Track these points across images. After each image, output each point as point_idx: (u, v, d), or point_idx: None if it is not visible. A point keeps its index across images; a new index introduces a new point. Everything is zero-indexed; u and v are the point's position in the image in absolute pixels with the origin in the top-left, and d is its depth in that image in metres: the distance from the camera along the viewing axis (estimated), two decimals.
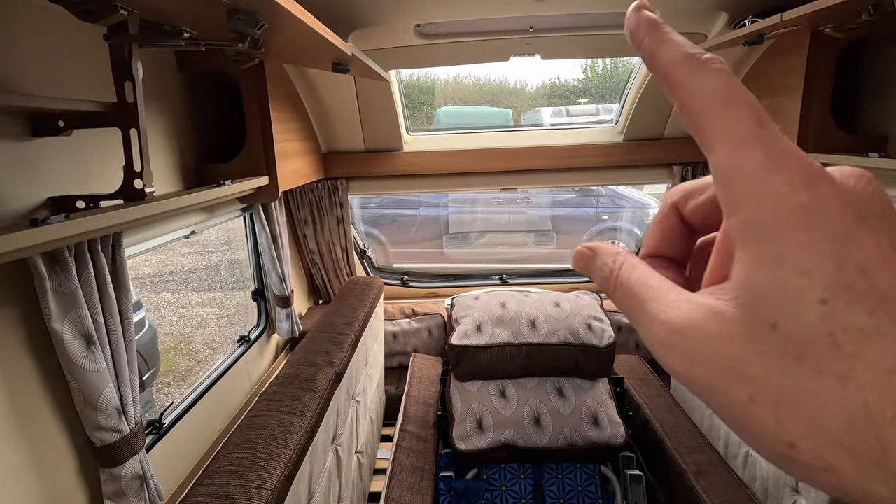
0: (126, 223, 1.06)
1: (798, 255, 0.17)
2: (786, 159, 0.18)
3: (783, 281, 0.17)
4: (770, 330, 0.17)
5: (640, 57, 0.21)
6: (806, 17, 1.23)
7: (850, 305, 0.16)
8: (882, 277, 0.16)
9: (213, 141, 1.72)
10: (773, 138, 0.18)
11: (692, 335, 0.19)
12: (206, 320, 5.09)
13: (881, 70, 1.63)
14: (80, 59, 1.11)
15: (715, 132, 0.19)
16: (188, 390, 1.71)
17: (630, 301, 0.21)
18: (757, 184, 0.18)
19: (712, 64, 0.19)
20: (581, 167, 2.57)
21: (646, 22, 0.21)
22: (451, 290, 2.94)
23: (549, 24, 1.89)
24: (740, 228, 0.18)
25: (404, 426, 1.94)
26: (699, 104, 0.19)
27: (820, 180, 0.17)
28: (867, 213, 0.17)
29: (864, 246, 0.17)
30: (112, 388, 1.11)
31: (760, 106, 0.18)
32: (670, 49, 0.20)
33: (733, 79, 0.19)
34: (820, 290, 0.17)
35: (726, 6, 1.69)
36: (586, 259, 0.24)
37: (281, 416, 1.25)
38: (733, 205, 0.18)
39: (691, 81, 0.19)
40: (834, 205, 0.17)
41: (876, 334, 0.16)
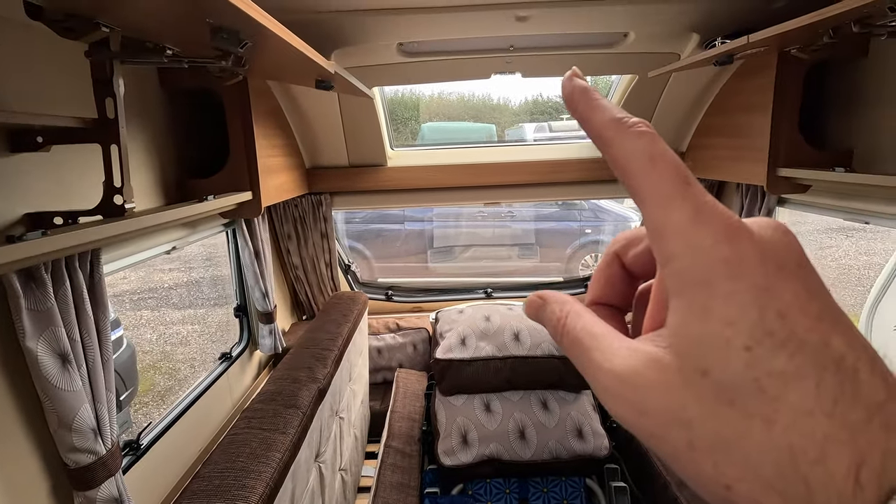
0: (105, 239, 1.05)
1: (724, 306, 0.18)
2: (710, 215, 0.19)
3: (711, 330, 0.18)
4: (702, 377, 0.18)
5: (576, 119, 0.23)
6: (772, 38, 1.29)
7: (772, 351, 0.17)
8: (799, 323, 0.18)
9: (195, 156, 1.72)
10: (698, 195, 0.19)
11: (635, 383, 0.19)
12: (186, 338, 4.99)
13: (845, 88, 1.70)
14: (61, 75, 1.11)
15: (645, 189, 0.20)
16: (167, 409, 1.67)
17: (576, 349, 0.22)
18: (684, 237, 0.19)
19: (638, 127, 0.21)
20: (563, 182, 2.61)
21: (579, 89, 0.23)
22: (435, 304, 2.94)
23: (528, 43, 1.94)
24: (672, 278, 0.20)
25: (389, 442, 1.92)
26: (629, 164, 0.20)
27: (741, 234, 0.19)
28: (784, 262, 0.19)
29: (783, 294, 0.18)
30: (88, 408, 1.08)
31: (684, 165, 0.20)
32: (600, 113, 0.22)
33: (658, 140, 0.20)
34: (744, 337, 0.18)
35: (698, 28, 1.75)
36: (536, 307, 0.26)
37: (263, 434, 1.23)
38: (664, 256, 0.20)
39: (621, 143, 0.21)
40: (754, 256, 0.18)
41: (796, 377, 0.17)
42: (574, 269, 5.08)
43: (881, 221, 1.59)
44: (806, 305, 0.18)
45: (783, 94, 1.67)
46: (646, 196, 0.20)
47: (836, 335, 0.18)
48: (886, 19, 1.04)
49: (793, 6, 1.49)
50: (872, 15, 1.06)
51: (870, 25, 1.09)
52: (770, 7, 1.54)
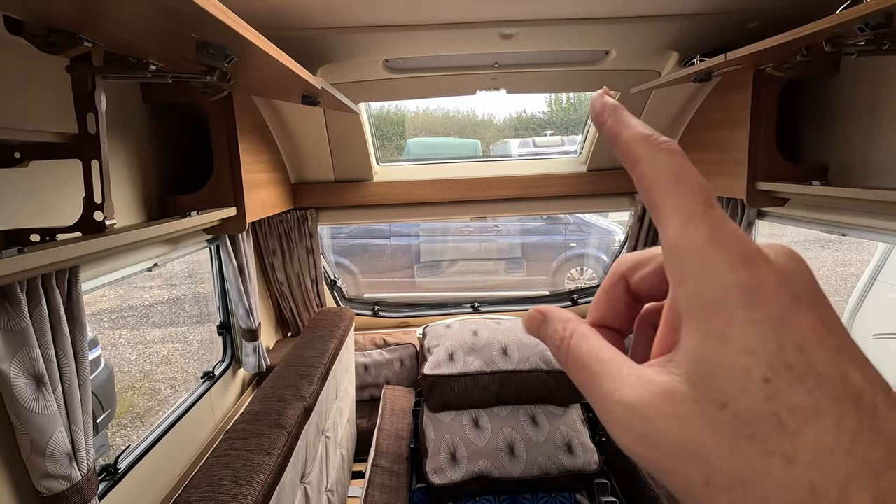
0: (84, 257, 1.03)
1: (742, 334, 0.17)
2: (729, 238, 0.19)
3: (731, 359, 0.17)
4: (720, 409, 0.17)
5: (605, 135, 0.23)
6: (748, 56, 1.33)
7: (791, 384, 0.17)
8: (817, 356, 0.17)
9: (178, 172, 1.69)
10: (719, 218, 0.19)
11: (647, 415, 0.19)
12: (167, 357, 4.87)
13: (818, 105, 1.76)
14: (41, 90, 1.09)
15: (667, 207, 0.20)
16: (146, 431, 1.62)
17: (582, 374, 0.22)
18: (702, 259, 0.19)
19: (668, 145, 0.21)
20: (548, 196, 2.64)
21: (609, 106, 0.23)
22: (422, 319, 2.92)
23: (513, 60, 1.97)
24: (686, 300, 0.19)
25: (376, 461, 1.88)
26: (655, 181, 0.20)
27: (759, 260, 0.18)
28: (800, 293, 0.18)
29: (800, 325, 0.17)
30: (63, 432, 1.04)
31: (708, 187, 0.20)
32: (630, 130, 0.22)
33: (686, 160, 0.20)
34: (763, 368, 0.17)
35: (676, 46, 1.80)
36: (537, 323, 0.25)
37: (247, 455, 1.20)
38: (680, 276, 0.19)
39: (650, 160, 0.21)
40: (772, 285, 0.18)
41: (815, 413, 0.16)
42: (560, 282, 5.11)
43: (857, 233, 1.63)
44: (824, 338, 0.17)
45: (760, 109, 1.72)
46: (667, 214, 0.20)
47: (854, 369, 0.17)
48: (856, 39, 1.08)
49: (766, 26, 1.55)
50: (842, 35, 1.11)
51: (840, 45, 1.13)
52: (745, 27, 1.59)
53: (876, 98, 1.52)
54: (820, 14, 1.08)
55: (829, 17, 1.04)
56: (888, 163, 1.49)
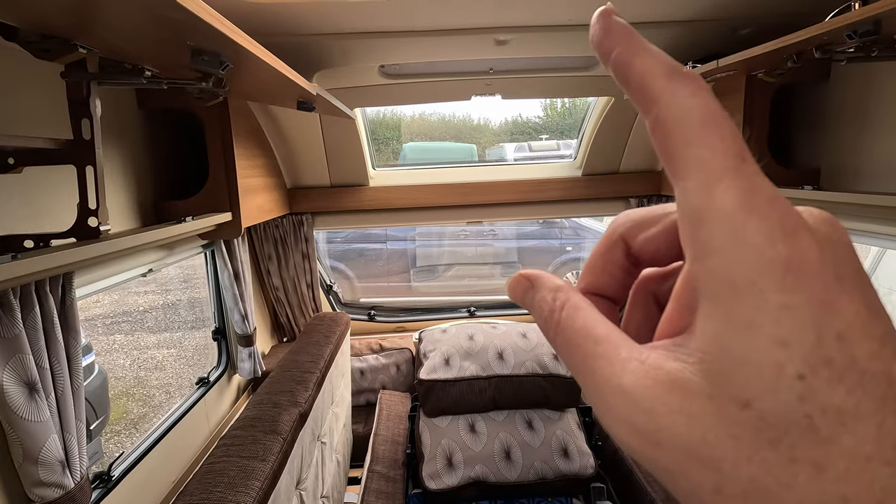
0: (78, 263, 1.02)
1: (777, 322, 0.15)
2: (766, 203, 0.16)
3: (760, 351, 0.15)
4: (742, 409, 0.15)
5: (609, 67, 0.18)
6: (740, 63, 1.35)
7: (830, 382, 0.14)
8: (860, 348, 0.15)
9: (173, 177, 1.69)
10: (754, 176, 0.16)
11: (650, 408, 0.16)
12: (162, 362, 4.84)
13: (809, 110, 1.78)
14: (35, 95, 1.09)
15: (689, 159, 0.16)
16: (140, 438, 1.61)
17: (574, 353, 0.19)
18: (732, 228, 0.15)
19: (695, 81, 0.17)
20: (544, 200, 2.65)
21: (619, 28, 0.18)
22: (419, 323, 2.92)
23: (508, 66, 1.98)
24: (708, 277, 0.16)
25: (372, 466, 1.88)
26: (675, 126, 0.17)
27: (801, 231, 0.15)
28: (844, 271, 0.15)
29: (843, 311, 0.15)
30: (56, 439, 1.03)
31: (741, 136, 0.16)
32: (648, 60, 0.17)
33: (715, 101, 0.17)
34: (798, 363, 0.14)
35: (669, 52, 1.78)
36: (523, 289, 0.21)
37: (242, 462, 1.19)
38: (702, 247, 0.16)
39: (671, 97, 0.17)
40: (814, 261, 0.15)
41: (854, 416, 0.14)
42: None
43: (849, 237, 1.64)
44: (868, 326, 0.15)
45: (752, 115, 1.74)
46: (688, 169, 0.16)
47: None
48: (845, 46, 1.10)
49: (758, 33, 1.56)
50: (832, 42, 1.12)
51: (830, 51, 1.15)
52: (736, 34, 1.61)
53: (866, 104, 1.54)
54: (810, 21, 1.09)
55: (819, 25, 1.05)
56: (879, 167, 1.50)
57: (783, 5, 1.40)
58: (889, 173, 1.46)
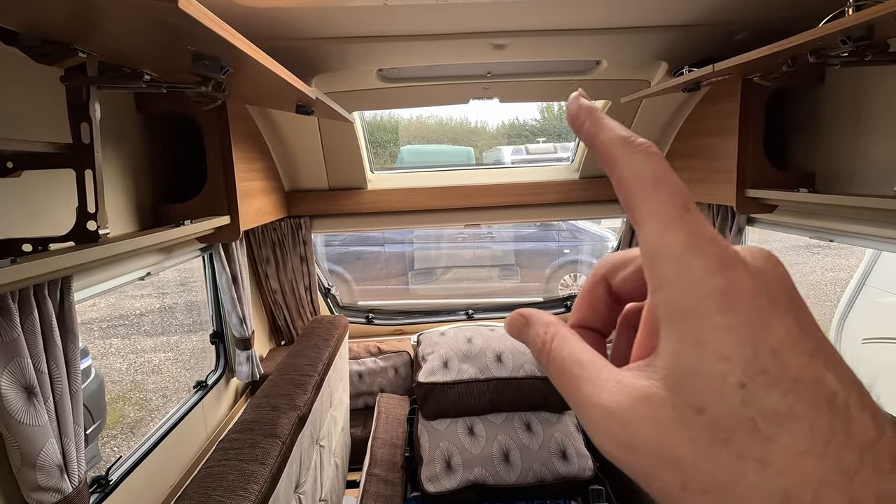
0: (77, 266, 1.02)
1: (718, 340, 0.18)
2: (706, 243, 0.19)
3: (706, 365, 0.18)
4: (697, 414, 0.18)
5: (581, 138, 0.23)
6: (735, 67, 1.36)
7: (766, 388, 0.17)
8: (792, 360, 0.17)
9: (172, 180, 1.69)
10: (697, 223, 0.19)
11: (625, 419, 0.19)
12: (159, 366, 4.82)
13: (804, 113, 1.79)
14: (34, 100, 1.09)
15: (645, 210, 0.20)
16: (138, 442, 1.60)
17: (563, 378, 0.21)
18: (680, 264, 0.19)
19: (646, 147, 0.21)
20: (541, 203, 2.66)
21: (585, 108, 0.23)
22: (417, 326, 2.92)
23: (505, 69, 1.99)
24: (663, 305, 0.19)
25: (371, 470, 1.88)
26: (633, 184, 0.20)
27: (736, 264, 0.19)
28: (777, 297, 0.18)
29: (776, 330, 0.18)
30: (54, 444, 1.03)
31: (687, 191, 0.20)
32: (608, 132, 0.22)
33: (664, 163, 0.20)
34: (739, 373, 0.17)
35: (666, 57, 1.83)
36: (519, 326, 0.25)
37: (240, 465, 1.19)
38: (658, 281, 0.19)
39: (628, 162, 0.21)
40: (748, 289, 0.18)
41: (789, 417, 0.17)
42: (553, 289, 5.12)
43: (844, 239, 1.66)
44: (798, 342, 0.18)
45: (748, 118, 1.75)
46: (645, 218, 0.20)
47: (828, 371, 0.17)
48: (839, 50, 1.11)
49: (753, 37, 1.58)
50: (826, 46, 1.13)
51: (824, 56, 1.16)
52: (732, 38, 1.62)
53: (860, 108, 1.55)
54: (805, 26, 1.10)
55: (814, 30, 1.06)
56: (873, 170, 1.52)
57: (778, 10, 1.41)
58: (883, 176, 1.47)
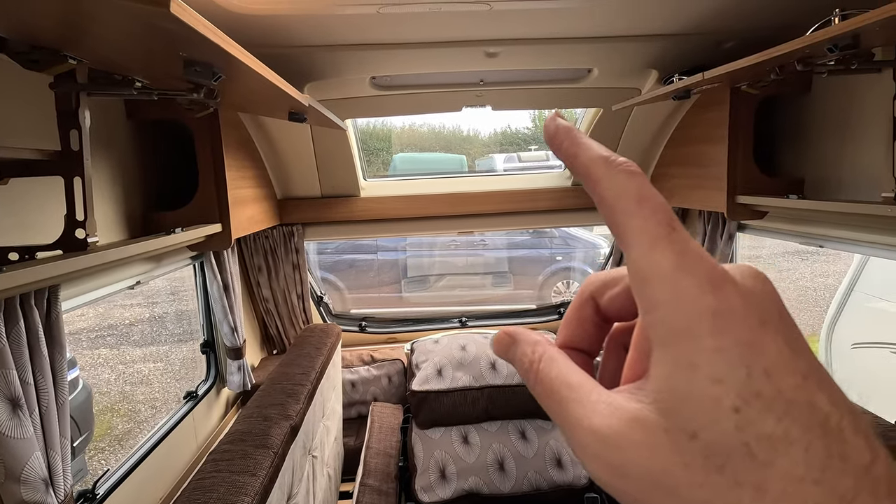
0: (64, 275, 1.01)
1: (711, 362, 0.17)
2: (694, 262, 0.18)
3: (700, 388, 0.17)
4: (690, 439, 0.17)
5: (560, 158, 0.23)
6: (724, 75, 1.38)
7: (761, 413, 0.16)
8: (785, 381, 0.17)
9: (163, 188, 1.68)
10: (683, 241, 0.19)
11: (617, 444, 0.18)
12: (148, 377, 4.75)
13: (792, 121, 1.82)
14: (21, 106, 1.08)
15: (631, 230, 0.19)
16: (126, 455, 1.57)
17: (551, 400, 0.21)
18: (669, 284, 0.18)
19: (628, 166, 0.20)
20: (534, 210, 2.67)
21: (563, 128, 0.22)
22: (410, 334, 2.90)
23: (498, 78, 2.01)
24: (655, 327, 0.19)
25: (364, 480, 1.85)
26: (616, 203, 0.20)
27: (726, 283, 0.18)
28: (767, 316, 0.18)
29: (767, 350, 0.17)
30: (39, 457, 1.01)
31: (670, 209, 0.20)
32: (587, 151, 0.21)
33: (646, 182, 0.20)
34: (733, 397, 0.17)
35: (656, 65, 1.86)
36: (506, 345, 0.24)
37: (232, 477, 1.17)
38: (648, 302, 0.19)
39: (610, 181, 0.20)
40: (739, 308, 0.18)
41: (785, 441, 0.16)
42: (546, 296, 5.13)
43: (833, 245, 1.68)
44: (791, 362, 0.17)
45: (737, 126, 1.77)
46: (631, 238, 0.20)
47: (821, 393, 0.17)
48: (826, 59, 1.13)
49: (741, 46, 1.60)
50: (813, 55, 1.15)
51: (811, 64, 1.18)
52: (721, 47, 1.65)
53: (847, 115, 1.57)
54: (792, 35, 1.12)
55: (801, 39, 1.08)
56: (860, 177, 1.54)
57: (766, 19, 1.44)
58: (870, 182, 1.49)
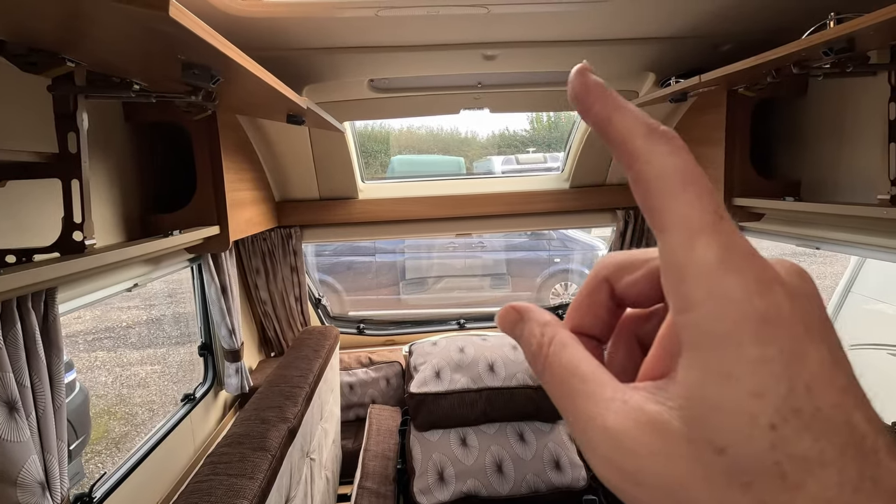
0: (62, 278, 1.00)
1: (752, 374, 0.16)
2: (742, 259, 0.17)
3: (735, 402, 0.16)
4: (717, 454, 0.16)
5: (589, 123, 0.19)
6: (721, 78, 1.38)
7: (798, 431, 0.15)
8: (825, 397, 0.16)
9: (161, 190, 1.68)
10: (731, 233, 0.17)
11: (632, 449, 0.17)
12: (145, 379, 4.73)
13: (789, 123, 1.83)
14: (18, 108, 1.08)
15: (671, 215, 0.17)
16: (123, 458, 1.57)
17: (560, 389, 0.19)
18: (712, 283, 0.16)
19: (673, 140, 0.18)
20: (532, 212, 2.67)
21: (595, 86, 0.19)
22: (408, 336, 2.90)
23: (496, 80, 2.01)
24: (690, 329, 0.17)
25: (362, 483, 1.85)
26: (656, 182, 0.17)
27: (774, 285, 0.16)
28: (811, 321, 0.17)
29: (810, 361, 0.16)
30: (36, 460, 1.00)
31: (717, 194, 0.18)
32: (627, 118, 0.18)
33: (692, 159, 0.18)
34: (771, 413, 0.15)
35: (653, 67, 1.86)
36: (512, 321, 0.22)
37: (229, 480, 1.17)
38: (684, 300, 0.17)
39: (650, 155, 0.18)
40: (786, 313, 0.16)
41: (819, 463, 0.15)
42: (545, 297, 5.13)
43: (830, 247, 1.68)
44: (832, 375, 0.16)
45: (734, 128, 1.78)
46: (670, 224, 0.17)
47: (858, 411, 0.16)
48: (821, 62, 1.14)
49: (738, 49, 1.61)
50: (809, 58, 1.16)
51: (807, 67, 1.19)
52: (717, 50, 1.66)
53: (843, 118, 1.58)
54: (788, 38, 1.13)
55: (797, 42, 1.09)
56: (856, 179, 1.54)
57: (761, 23, 1.45)
58: (866, 184, 1.50)
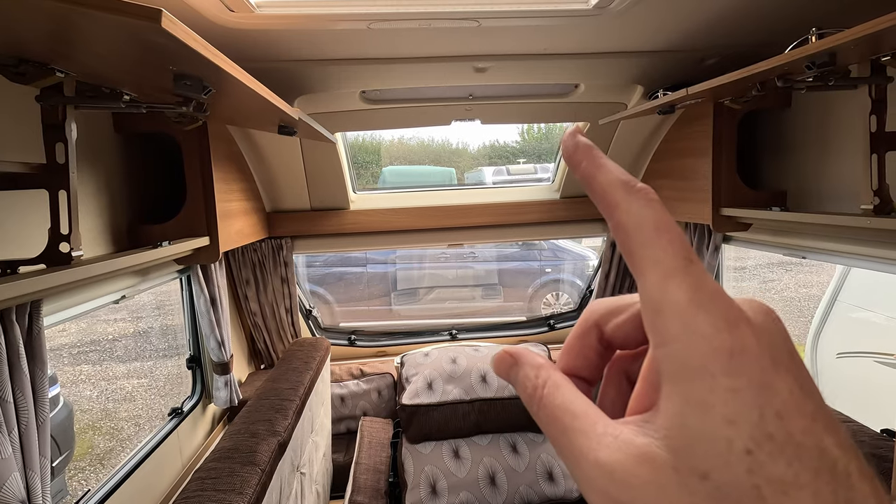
0: (48, 290, 0.99)
1: (725, 403, 0.17)
2: (711, 298, 0.18)
3: (712, 428, 0.17)
4: (701, 480, 0.17)
5: (577, 177, 0.22)
6: (707, 91, 1.41)
7: (772, 455, 0.16)
8: (795, 424, 0.17)
9: (150, 200, 1.66)
10: (700, 275, 0.19)
11: (625, 481, 0.18)
12: (132, 393, 4.64)
13: (774, 135, 1.86)
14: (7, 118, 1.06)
15: (646, 259, 0.19)
16: (108, 474, 1.53)
17: (555, 428, 0.21)
18: (685, 319, 0.18)
19: (647, 193, 0.20)
20: (523, 223, 2.68)
21: (583, 146, 0.22)
22: (400, 347, 2.88)
23: (487, 92, 2.03)
24: (668, 361, 0.18)
25: (354, 497, 1.82)
26: (633, 230, 0.20)
27: (741, 322, 0.18)
28: (778, 355, 0.18)
29: (780, 391, 0.17)
30: (18, 478, 0.97)
31: (687, 241, 0.20)
32: (606, 174, 0.21)
33: (664, 210, 0.20)
34: (745, 438, 0.17)
35: (641, 81, 1.90)
36: (507, 366, 0.24)
37: (218, 496, 1.14)
38: (661, 336, 0.19)
39: (628, 207, 0.20)
40: (753, 348, 0.18)
41: (795, 486, 0.16)
42: (536, 308, 5.14)
43: (816, 256, 1.71)
44: (801, 404, 0.17)
45: (720, 140, 1.81)
46: (646, 267, 0.19)
47: (829, 436, 0.17)
48: (804, 76, 1.16)
49: (723, 63, 1.65)
50: (792, 72, 1.19)
51: (791, 80, 1.21)
52: (703, 64, 1.69)
53: (827, 130, 1.62)
54: (771, 52, 1.16)
55: (780, 56, 1.11)
56: (841, 189, 1.58)
57: (745, 37, 1.48)
58: (850, 195, 1.53)
